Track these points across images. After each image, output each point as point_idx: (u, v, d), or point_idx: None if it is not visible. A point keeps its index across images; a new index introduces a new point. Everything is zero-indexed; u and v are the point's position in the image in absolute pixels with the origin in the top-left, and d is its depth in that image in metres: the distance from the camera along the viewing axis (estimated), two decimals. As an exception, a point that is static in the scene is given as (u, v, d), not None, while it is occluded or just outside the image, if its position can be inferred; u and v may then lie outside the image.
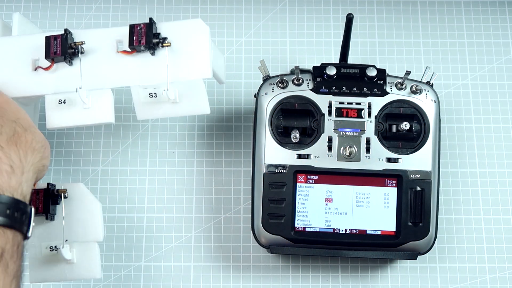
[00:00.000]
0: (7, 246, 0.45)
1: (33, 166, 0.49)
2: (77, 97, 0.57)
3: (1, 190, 0.46)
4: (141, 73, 0.57)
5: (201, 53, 0.57)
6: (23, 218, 0.47)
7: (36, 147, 0.50)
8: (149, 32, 0.56)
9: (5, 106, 0.51)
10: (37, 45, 0.58)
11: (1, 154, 0.47)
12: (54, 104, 0.57)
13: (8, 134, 0.48)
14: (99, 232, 0.57)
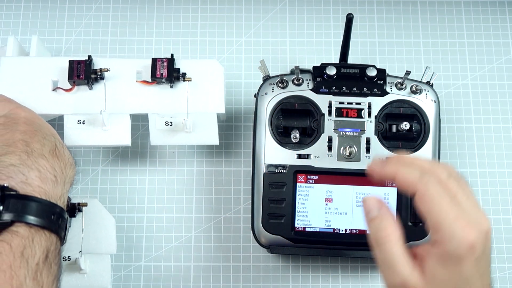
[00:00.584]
0: (51, 248, 0.48)
1: (69, 180, 0.53)
2: (96, 119, 0.61)
3: (48, 196, 0.49)
4: (160, 102, 0.62)
5: (216, 90, 0.63)
6: (63, 224, 0.50)
7: (71, 162, 0.54)
8: (171, 67, 0.62)
9: (40, 122, 0.55)
10: (57, 67, 0.63)
11: (46, 163, 0.50)
12: (73, 124, 0.61)
13: (50, 147, 0.52)
14: (113, 245, 0.60)
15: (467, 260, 0.40)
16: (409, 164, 0.44)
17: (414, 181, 0.42)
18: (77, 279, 0.59)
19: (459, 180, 0.43)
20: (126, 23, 0.74)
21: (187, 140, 0.63)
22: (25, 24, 0.73)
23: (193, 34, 0.73)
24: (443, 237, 0.41)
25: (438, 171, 0.43)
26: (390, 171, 0.44)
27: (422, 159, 0.45)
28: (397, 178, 0.43)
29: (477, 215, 0.41)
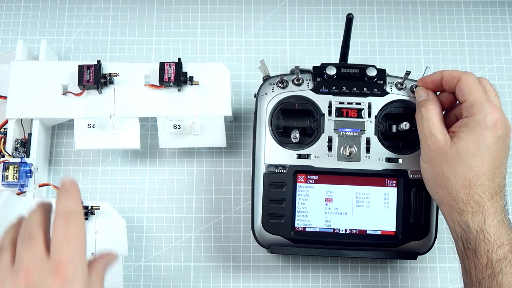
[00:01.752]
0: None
1: None
2: (106, 123, 0.63)
3: None
4: (168, 106, 0.64)
5: (223, 93, 0.64)
6: None
7: None
8: (178, 71, 0.63)
9: None
10: (67, 71, 0.64)
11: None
12: (83, 127, 0.63)
13: None
14: (124, 247, 0.60)
15: (490, 132, 0.52)
16: (452, 70, 0.57)
17: (459, 74, 0.55)
18: None
19: (491, 86, 0.55)
20: (126, 23, 0.74)
21: (195, 142, 0.64)
22: (25, 24, 0.73)
23: (193, 34, 0.73)
24: (474, 111, 0.53)
25: (473, 74, 0.55)
26: (436, 74, 0.57)
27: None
28: (444, 75, 0.56)
29: (501, 110, 0.54)
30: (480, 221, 0.50)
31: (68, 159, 0.68)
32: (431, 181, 0.55)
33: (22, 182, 0.61)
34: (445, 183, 0.53)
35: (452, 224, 0.53)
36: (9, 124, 0.63)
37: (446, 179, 0.53)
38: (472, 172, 0.52)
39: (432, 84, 0.58)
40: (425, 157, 0.55)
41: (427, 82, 0.58)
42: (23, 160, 0.61)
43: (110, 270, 0.59)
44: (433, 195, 0.56)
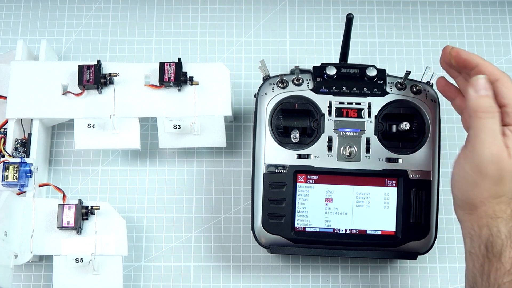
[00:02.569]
0: None
1: None
2: (106, 123, 0.63)
3: None
4: (168, 106, 0.64)
5: (223, 93, 0.64)
6: None
7: None
8: (178, 71, 0.63)
9: None
10: (67, 71, 0.64)
11: None
12: (84, 127, 0.63)
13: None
14: (124, 247, 0.60)
15: None
16: (489, 62, 0.53)
17: (497, 72, 0.52)
18: (90, 281, 0.60)
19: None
20: (126, 23, 0.74)
21: (195, 142, 0.64)
22: (25, 24, 0.73)
23: (193, 34, 0.73)
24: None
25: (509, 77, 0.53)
26: (476, 58, 0.53)
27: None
28: (483, 65, 0.53)
29: None
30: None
31: (68, 159, 0.68)
32: (473, 183, 0.51)
33: (22, 182, 0.61)
34: (494, 191, 0.50)
35: (478, 227, 0.51)
36: (9, 124, 0.63)
37: (497, 188, 0.50)
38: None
39: (462, 63, 0.54)
40: (474, 168, 0.50)
41: (460, 57, 0.54)
42: (23, 160, 0.61)
43: (110, 268, 0.60)
44: (469, 196, 0.52)
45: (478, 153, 0.50)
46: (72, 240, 0.60)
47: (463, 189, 0.52)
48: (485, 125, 0.49)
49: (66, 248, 0.60)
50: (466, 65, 0.54)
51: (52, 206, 0.61)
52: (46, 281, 0.64)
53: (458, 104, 0.58)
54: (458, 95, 0.58)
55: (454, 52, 0.55)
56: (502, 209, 0.50)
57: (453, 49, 0.55)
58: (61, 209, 0.60)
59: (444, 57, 0.56)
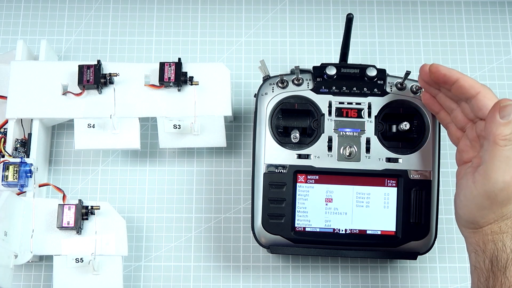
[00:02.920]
0: None
1: None
2: (106, 123, 0.63)
3: None
4: (168, 106, 0.64)
5: (223, 93, 0.64)
6: None
7: None
8: (178, 71, 0.63)
9: None
10: (67, 71, 0.64)
11: None
12: (83, 127, 0.63)
13: None
14: (124, 247, 0.60)
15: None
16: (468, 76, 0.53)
17: (478, 85, 0.52)
18: (90, 281, 0.60)
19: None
20: (126, 23, 0.74)
21: (195, 142, 0.64)
22: (25, 24, 0.73)
23: (193, 34, 0.73)
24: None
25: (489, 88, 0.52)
26: (455, 73, 0.53)
27: None
28: (462, 79, 0.52)
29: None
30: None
31: (68, 159, 0.68)
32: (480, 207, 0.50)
33: (22, 182, 0.61)
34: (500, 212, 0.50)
35: (482, 243, 0.51)
36: (9, 124, 0.63)
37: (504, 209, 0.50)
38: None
39: (441, 79, 0.54)
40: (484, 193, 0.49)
41: (439, 73, 0.54)
42: (23, 160, 0.61)
43: (110, 268, 0.60)
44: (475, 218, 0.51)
45: (491, 180, 0.49)
46: (72, 240, 0.60)
47: (470, 211, 0.51)
48: (502, 153, 0.48)
49: (66, 248, 0.60)
50: (446, 80, 0.54)
51: (52, 206, 0.61)
52: (46, 281, 0.64)
53: (442, 118, 0.57)
54: (442, 109, 0.57)
55: (434, 68, 0.54)
56: (508, 224, 0.50)
57: (432, 65, 0.54)
58: (61, 209, 0.60)
59: (422, 75, 0.56)
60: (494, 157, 0.48)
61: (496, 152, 0.48)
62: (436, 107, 0.57)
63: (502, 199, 0.49)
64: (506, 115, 0.48)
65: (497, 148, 0.48)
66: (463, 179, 0.52)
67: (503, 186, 0.48)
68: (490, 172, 0.49)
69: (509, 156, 0.48)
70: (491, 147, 0.49)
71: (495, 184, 0.48)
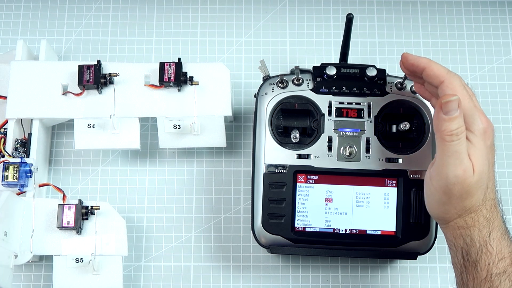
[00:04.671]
0: None
1: None
2: (106, 123, 0.63)
3: None
4: (168, 106, 0.64)
5: (223, 93, 0.64)
6: None
7: None
8: (178, 71, 0.63)
9: None
10: (67, 71, 0.64)
11: None
12: (84, 127, 0.63)
13: None
14: (124, 247, 0.60)
15: (483, 142, 0.49)
16: (438, 63, 0.52)
17: (443, 73, 0.51)
18: (90, 281, 0.60)
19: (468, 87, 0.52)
20: (126, 23, 0.74)
21: (195, 142, 0.64)
22: (25, 24, 0.73)
23: (193, 34, 0.73)
24: (467, 122, 0.49)
25: (459, 77, 0.51)
26: (423, 61, 0.52)
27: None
28: (429, 68, 0.51)
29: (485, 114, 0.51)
30: (485, 235, 0.50)
31: (68, 159, 0.68)
32: (440, 202, 0.51)
33: (22, 182, 0.61)
34: (461, 207, 0.50)
35: (453, 238, 0.51)
36: (9, 124, 0.63)
37: (465, 203, 0.50)
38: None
39: (410, 68, 0.53)
40: (439, 189, 0.50)
41: (408, 62, 0.53)
42: (23, 160, 0.61)
43: (109, 268, 0.60)
44: (438, 214, 0.52)
45: (443, 176, 0.49)
46: (72, 240, 0.60)
47: (433, 207, 0.52)
48: (451, 148, 0.48)
49: (66, 248, 0.60)
50: (414, 69, 0.53)
51: (52, 206, 0.61)
52: (46, 281, 0.64)
53: (434, 104, 0.56)
54: (432, 96, 0.56)
55: (403, 58, 0.54)
56: (474, 218, 0.50)
57: (402, 55, 0.54)
58: (61, 209, 0.60)
59: (403, 64, 0.55)
60: (443, 153, 0.49)
61: (444, 148, 0.48)
62: (426, 94, 0.57)
63: (459, 193, 0.49)
64: (450, 111, 0.48)
65: (445, 144, 0.48)
66: (425, 176, 0.53)
67: (455, 180, 0.48)
68: (442, 168, 0.49)
69: (457, 151, 0.48)
70: (440, 143, 0.49)
71: (447, 180, 0.49)
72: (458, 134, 0.48)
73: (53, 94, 0.64)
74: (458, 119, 0.48)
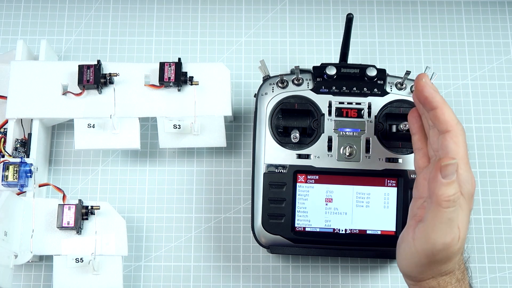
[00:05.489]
0: None
1: None
2: (106, 123, 0.63)
3: None
4: (168, 106, 0.64)
5: (223, 93, 0.64)
6: None
7: None
8: (178, 71, 0.63)
9: None
10: (66, 71, 0.64)
11: None
12: (83, 127, 0.63)
13: None
14: (124, 247, 0.60)
15: (472, 200, 0.49)
16: (450, 108, 0.50)
17: (453, 123, 0.49)
18: (90, 281, 0.60)
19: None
20: (126, 23, 0.74)
21: (195, 142, 0.64)
22: (25, 24, 0.73)
23: (193, 34, 0.73)
24: (459, 178, 0.47)
25: (464, 131, 0.50)
26: (437, 100, 0.49)
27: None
28: (440, 110, 0.49)
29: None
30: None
31: (68, 159, 0.68)
32: (418, 264, 0.49)
33: (22, 182, 0.61)
34: (438, 270, 0.49)
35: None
36: (9, 124, 0.63)
37: (443, 267, 0.48)
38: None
39: (422, 100, 0.50)
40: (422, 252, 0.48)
41: (422, 94, 0.49)
42: (23, 160, 0.61)
43: (109, 268, 0.60)
44: (411, 273, 0.50)
45: (430, 241, 0.46)
46: (72, 240, 0.60)
47: (408, 266, 0.50)
48: (445, 215, 0.45)
49: (66, 248, 0.60)
50: (425, 103, 0.50)
51: (52, 206, 0.61)
52: (46, 281, 0.64)
53: (415, 141, 0.54)
54: (419, 133, 0.54)
55: (419, 86, 0.50)
56: (447, 280, 0.49)
57: (420, 82, 0.50)
58: (61, 209, 0.60)
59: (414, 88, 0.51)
60: (435, 218, 0.46)
61: (438, 213, 0.46)
62: (415, 127, 0.54)
63: (441, 258, 0.47)
64: (449, 175, 0.45)
65: (439, 210, 0.45)
66: (405, 231, 0.50)
67: (442, 247, 0.46)
68: (430, 233, 0.46)
69: (451, 218, 0.46)
70: (434, 208, 0.46)
71: (434, 245, 0.46)
72: (455, 200, 0.45)
73: (53, 94, 0.64)
74: (455, 184, 0.45)
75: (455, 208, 0.46)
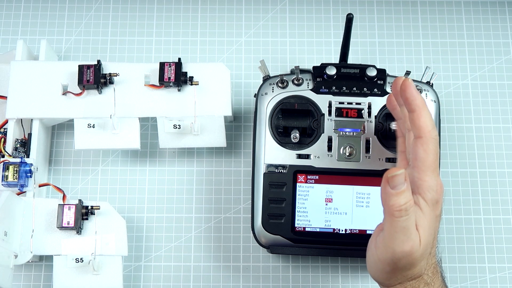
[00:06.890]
0: None
1: None
2: (106, 123, 0.63)
3: None
4: (168, 106, 0.64)
5: (223, 93, 0.64)
6: None
7: None
8: (178, 71, 0.63)
9: None
10: (66, 71, 0.64)
11: None
12: (83, 127, 0.63)
13: None
14: (124, 247, 0.60)
15: (439, 208, 0.49)
16: (429, 113, 0.49)
17: (427, 129, 0.48)
18: (90, 281, 0.60)
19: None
20: (126, 23, 0.74)
21: (195, 142, 0.64)
22: (25, 24, 0.73)
23: (193, 34, 0.73)
24: (423, 189, 0.48)
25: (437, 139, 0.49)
26: (416, 103, 0.49)
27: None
28: (416, 115, 0.49)
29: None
30: None
31: (68, 159, 0.68)
32: (383, 271, 0.49)
33: (22, 182, 0.61)
34: (403, 276, 0.49)
35: None
36: (9, 124, 0.63)
37: (408, 273, 0.49)
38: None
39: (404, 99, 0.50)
40: (384, 261, 0.48)
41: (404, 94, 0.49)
42: (23, 160, 0.61)
43: (109, 268, 0.60)
44: (379, 279, 0.51)
45: (389, 250, 0.47)
46: (72, 240, 0.60)
47: (374, 272, 0.51)
48: (399, 224, 0.46)
49: (66, 248, 0.60)
50: (406, 104, 0.50)
51: (52, 206, 0.61)
52: (46, 281, 0.64)
53: (400, 143, 0.55)
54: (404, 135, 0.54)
55: (403, 85, 0.49)
56: (414, 285, 0.49)
57: (404, 82, 0.50)
58: (61, 209, 0.60)
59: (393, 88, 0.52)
60: (391, 228, 0.46)
61: (392, 223, 0.46)
62: (397, 114, 0.55)
63: (404, 265, 0.48)
64: (397, 185, 0.46)
65: (393, 220, 0.46)
66: (370, 239, 0.51)
67: (402, 255, 0.47)
68: (388, 242, 0.47)
69: (405, 227, 0.46)
70: (388, 218, 0.47)
71: (393, 254, 0.47)
72: (407, 209, 0.46)
73: (53, 94, 0.64)
74: (406, 193, 0.46)
75: (408, 217, 0.46)
